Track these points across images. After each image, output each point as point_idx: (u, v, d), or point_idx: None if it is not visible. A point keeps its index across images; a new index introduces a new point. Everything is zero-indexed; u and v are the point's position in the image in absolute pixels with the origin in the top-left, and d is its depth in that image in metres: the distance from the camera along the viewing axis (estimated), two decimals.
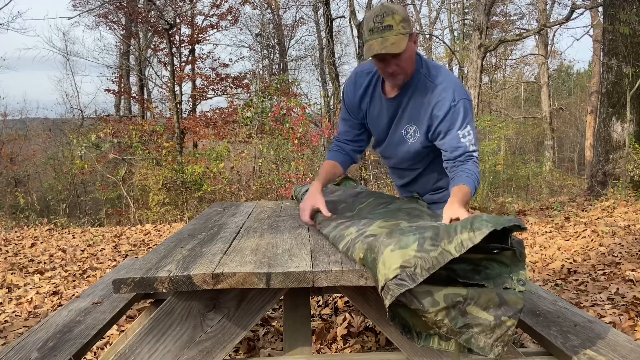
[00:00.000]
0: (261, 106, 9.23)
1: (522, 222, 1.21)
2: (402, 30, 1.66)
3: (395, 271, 1.15)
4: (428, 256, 1.15)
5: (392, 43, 1.64)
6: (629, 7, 6.68)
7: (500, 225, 1.16)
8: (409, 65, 1.75)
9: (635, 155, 6.64)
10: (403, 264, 1.15)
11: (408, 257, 1.16)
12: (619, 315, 2.59)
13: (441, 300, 1.16)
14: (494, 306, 1.18)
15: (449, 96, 1.73)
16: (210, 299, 1.37)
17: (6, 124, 15.09)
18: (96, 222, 8.35)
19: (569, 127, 20.57)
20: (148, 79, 16.30)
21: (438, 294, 1.17)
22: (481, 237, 1.14)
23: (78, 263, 4.50)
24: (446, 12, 20.00)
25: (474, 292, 1.18)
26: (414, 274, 1.14)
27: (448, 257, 1.14)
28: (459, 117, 1.72)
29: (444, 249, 1.15)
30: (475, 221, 1.19)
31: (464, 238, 1.15)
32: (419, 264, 1.14)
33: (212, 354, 1.33)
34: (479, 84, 9.43)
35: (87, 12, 14.27)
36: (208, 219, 2.15)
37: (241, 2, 15.46)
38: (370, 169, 9.24)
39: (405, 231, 1.29)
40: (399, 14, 1.67)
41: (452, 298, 1.17)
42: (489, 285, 1.21)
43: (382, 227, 1.40)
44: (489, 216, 1.22)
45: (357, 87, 1.95)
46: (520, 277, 1.22)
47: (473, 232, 1.15)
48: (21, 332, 2.75)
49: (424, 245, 1.18)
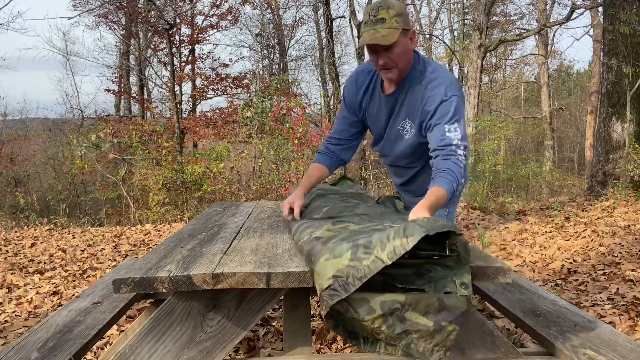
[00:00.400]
0: (261, 106, 9.23)
1: (457, 227, 1.19)
2: (395, 24, 1.68)
3: (329, 281, 1.14)
4: (360, 265, 1.13)
5: (382, 35, 1.68)
6: (629, 7, 6.68)
7: (433, 230, 1.14)
8: (402, 60, 1.76)
9: (635, 155, 6.64)
10: (336, 273, 1.14)
11: (341, 266, 1.14)
12: (619, 315, 2.59)
13: (378, 307, 1.15)
14: (434, 311, 1.17)
15: (441, 92, 1.72)
16: (210, 299, 1.37)
17: (6, 124, 15.10)
18: (96, 222, 8.35)
19: (569, 127, 20.57)
20: (148, 79, 16.31)
21: (374, 301, 1.15)
22: (413, 243, 1.12)
23: (78, 263, 4.50)
24: (446, 12, 20.02)
25: (412, 297, 1.16)
26: (346, 284, 1.13)
27: (380, 265, 1.12)
28: (448, 112, 1.70)
29: (376, 257, 1.13)
30: (409, 227, 1.17)
31: (397, 245, 1.13)
32: (351, 274, 1.13)
33: (212, 354, 1.32)
34: (479, 84, 9.42)
35: (87, 12, 14.28)
36: (208, 219, 2.15)
37: (241, 2, 15.46)
38: (370, 169, 9.24)
39: (344, 238, 1.27)
40: (394, 9, 1.69)
41: (390, 305, 1.15)
42: (429, 289, 1.19)
43: (329, 230, 1.38)
44: (423, 221, 1.19)
45: (358, 85, 1.97)
46: (464, 281, 1.20)
47: (406, 238, 1.13)
48: (21, 332, 2.75)
49: (357, 253, 1.16)
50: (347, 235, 1.30)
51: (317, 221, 1.57)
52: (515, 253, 4.14)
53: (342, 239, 1.27)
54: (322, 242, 1.29)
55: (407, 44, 1.75)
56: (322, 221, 1.55)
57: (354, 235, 1.30)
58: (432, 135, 1.73)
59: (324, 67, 15.33)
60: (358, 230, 1.36)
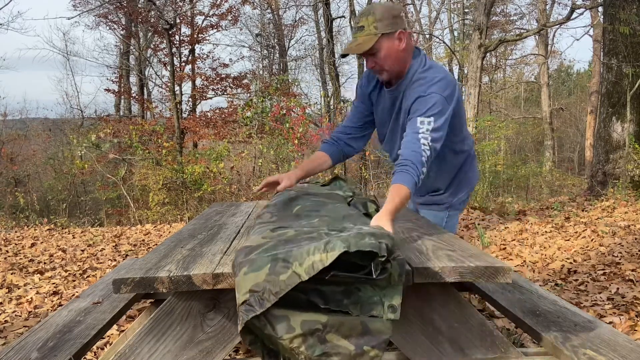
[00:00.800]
0: (261, 106, 9.23)
1: (381, 247, 1.11)
2: (373, 31, 1.74)
3: (245, 296, 1.10)
4: (277, 279, 1.09)
5: (357, 44, 1.76)
6: (629, 7, 6.68)
7: (355, 247, 1.09)
8: (388, 62, 1.81)
9: (635, 155, 6.64)
10: (253, 288, 1.10)
11: (259, 280, 1.10)
12: (619, 315, 2.59)
13: (298, 326, 1.10)
14: (357, 335, 1.12)
15: (421, 89, 1.75)
16: (210, 299, 1.37)
17: (6, 124, 15.09)
18: (96, 222, 8.35)
19: (569, 127, 20.57)
20: (148, 79, 16.31)
21: (295, 319, 1.11)
22: (332, 259, 1.08)
23: (78, 263, 4.50)
24: (446, 12, 20.01)
25: (335, 319, 1.12)
26: (262, 299, 1.08)
27: (296, 280, 1.08)
28: (424, 107, 1.70)
29: (294, 271, 1.09)
30: (331, 242, 1.12)
31: (316, 260, 1.09)
32: (267, 288, 1.09)
33: (212, 354, 1.32)
34: (479, 84, 9.42)
35: (87, 12, 14.28)
36: (208, 219, 2.15)
37: (241, 2, 15.47)
38: (370, 169, 9.24)
39: (267, 249, 1.22)
40: (374, 15, 1.75)
41: (310, 325, 1.11)
42: (355, 311, 1.14)
43: (264, 238, 1.33)
44: (349, 236, 1.14)
45: (370, 79, 2.04)
46: (393, 303, 1.15)
47: (326, 253, 1.09)
48: (21, 332, 2.75)
49: (275, 267, 1.11)
50: (272, 246, 1.24)
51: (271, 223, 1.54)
52: (515, 253, 4.14)
53: (265, 250, 1.22)
54: (246, 252, 1.23)
55: (393, 46, 1.78)
56: (277, 222, 1.53)
57: (279, 245, 1.24)
58: (406, 126, 1.72)
59: (324, 67, 15.33)
60: (289, 239, 1.30)
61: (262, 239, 1.33)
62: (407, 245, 1.51)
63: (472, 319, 1.40)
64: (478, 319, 1.40)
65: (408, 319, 1.39)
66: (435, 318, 1.39)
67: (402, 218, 2.01)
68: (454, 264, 1.28)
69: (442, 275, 1.27)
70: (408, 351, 1.37)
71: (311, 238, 1.28)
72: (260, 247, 1.24)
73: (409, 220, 1.96)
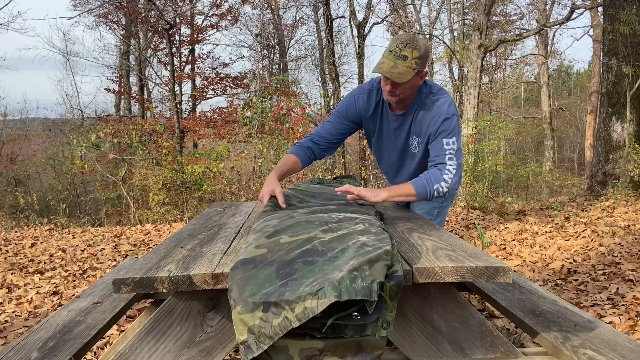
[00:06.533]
0: (261, 106, 9.23)
1: (372, 291, 1.13)
2: (413, 65, 1.86)
3: (243, 335, 1.13)
4: (270, 325, 1.12)
5: (399, 72, 1.85)
6: (629, 7, 6.68)
7: (347, 296, 1.11)
8: (407, 93, 1.97)
9: (635, 155, 6.64)
10: (250, 328, 1.14)
11: (255, 322, 1.13)
12: (619, 315, 2.59)
13: (296, 355, 1.16)
14: (352, 354, 1.18)
15: (444, 111, 1.96)
16: (210, 299, 1.37)
17: (6, 124, 15.08)
18: (96, 222, 8.35)
19: (569, 127, 20.57)
20: (148, 79, 16.31)
21: (294, 349, 1.16)
22: (323, 307, 1.10)
23: (78, 263, 4.50)
24: (446, 12, 19.99)
25: (331, 344, 1.17)
26: (258, 341, 1.12)
27: (289, 326, 1.11)
28: (448, 129, 1.94)
29: (286, 317, 1.12)
30: (324, 288, 1.13)
31: (307, 305, 1.11)
32: (262, 332, 1.12)
33: (212, 354, 1.33)
34: (479, 84, 9.42)
35: (87, 12, 14.28)
36: (208, 219, 2.15)
37: (241, 2, 15.47)
38: (370, 169, 9.24)
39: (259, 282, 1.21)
40: (419, 51, 1.86)
41: (308, 352, 1.17)
42: (349, 333, 1.18)
43: (258, 248, 1.36)
44: (341, 281, 1.14)
45: (370, 104, 2.13)
46: (387, 319, 1.19)
47: (317, 299, 1.11)
48: (21, 332, 2.75)
49: (268, 311, 1.14)
50: (266, 265, 1.25)
51: (267, 227, 1.55)
52: (515, 253, 4.14)
53: (257, 274, 1.22)
54: (241, 268, 1.25)
55: (417, 82, 1.96)
56: (274, 225, 1.55)
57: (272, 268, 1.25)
58: (432, 148, 1.97)
59: (324, 67, 15.34)
60: (283, 250, 1.33)
61: (255, 249, 1.34)
62: (407, 245, 1.51)
63: (472, 319, 1.40)
64: (478, 319, 1.40)
65: (408, 319, 1.39)
66: (435, 318, 1.40)
67: (402, 218, 2.01)
68: (454, 264, 1.28)
69: (442, 275, 1.27)
70: (408, 351, 1.37)
71: (305, 252, 1.30)
72: (254, 263, 1.26)
73: (409, 220, 1.96)
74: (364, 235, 1.39)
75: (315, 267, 1.23)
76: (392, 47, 1.87)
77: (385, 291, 1.18)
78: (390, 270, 1.20)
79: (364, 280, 1.14)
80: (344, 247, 1.33)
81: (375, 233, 1.41)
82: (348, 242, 1.35)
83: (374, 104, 2.11)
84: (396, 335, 1.37)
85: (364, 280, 1.14)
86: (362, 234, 1.41)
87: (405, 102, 2.01)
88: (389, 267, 1.20)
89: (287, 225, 1.52)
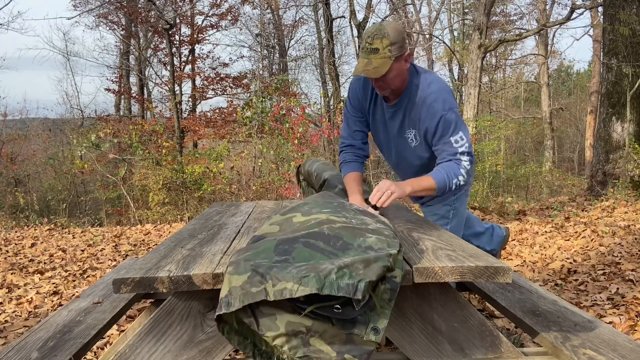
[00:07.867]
0: (261, 106, 9.22)
1: (358, 289, 1.10)
2: (387, 54, 1.79)
3: (224, 292, 1.14)
4: (249, 291, 1.12)
5: (374, 67, 1.79)
6: (629, 7, 6.68)
7: (328, 290, 1.09)
8: (395, 82, 1.89)
9: (635, 155, 6.64)
10: (230, 288, 1.14)
11: (237, 284, 1.13)
12: (619, 315, 2.59)
13: (282, 326, 1.14)
14: (340, 343, 1.14)
15: (439, 106, 1.87)
16: (210, 299, 1.37)
17: (6, 124, 15.07)
18: (96, 222, 8.35)
19: (569, 127, 20.56)
20: (148, 79, 16.30)
21: (281, 318, 1.14)
22: (301, 294, 1.09)
23: (78, 263, 4.50)
24: (446, 12, 19.99)
25: (319, 325, 1.14)
26: (229, 302, 1.11)
27: (263, 297, 1.10)
28: (450, 125, 1.88)
29: (265, 289, 1.11)
30: (309, 277, 1.11)
31: (287, 287, 1.10)
32: (238, 294, 1.12)
33: (212, 354, 1.33)
34: (478, 84, 9.42)
35: (87, 12, 14.27)
36: (208, 219, 2.15)
37: (241, 2, 15.46)
38: (370, 169, 9.24)
39: (258, 253, 1.24)
40: (388, 38, 1.79)
41: (294, 327, 1.13)
42: (337, 324, 1.15)
43: (273, 224, 1.41)
44: (325, 275, 1.11)
45: (366, 92, 2.08)
46: (377, 326, 1.15)
47: (298, 285, 1.10)
48: (21, 332, 2.75)
49: (253, 279, 1.14)
50: (264, 249, 1.26)
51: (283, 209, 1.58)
52: (515, 253, 4.14)
53: (255, 253, 1.24)
54: (253, 240, 1.32)
55: (401, 67, 1.86)
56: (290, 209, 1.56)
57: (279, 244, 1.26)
58: (441, 149, 1.92)
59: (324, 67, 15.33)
60: (295, 229, 1.35)
61: (269, 226, 1.39)
62: (407, 245, 1.51)
63: (472, 319, 1.40)
64: (478, 319, 1.40)
65: (408, 319, 1.39)
66: (435, 318, 1.40)
67: (402, 218, 2.01)
68: (454, 264, 1.28)
69: (442, 275, 1.27)
70: (408, 351, 1.37)
71: (311, 234, 1.30)
72: (264, 238, 1.30)
73: (409, 220, 1.96)
74: (374, 234, 1.34)
75: (313, 254, 1.22)
76: (363, 45, 1.83)
77: (378, 293, 1.16)
78: (389, 273, 1.18)
79: (351, 278, 1.11)
80: (348, 244, 1.28)
81: (387, 236, 1.35)
82: (355, 240, 1.30)
83: (369, 94, 2.07)
84: (396, 335, 1.38)
85: (351, 278, 1.11)
86: (373, 232, 1.36)
87: (399, 90, 1.95)
88: (388, 269, 1.17)
89: (303, 202, 1.55)
